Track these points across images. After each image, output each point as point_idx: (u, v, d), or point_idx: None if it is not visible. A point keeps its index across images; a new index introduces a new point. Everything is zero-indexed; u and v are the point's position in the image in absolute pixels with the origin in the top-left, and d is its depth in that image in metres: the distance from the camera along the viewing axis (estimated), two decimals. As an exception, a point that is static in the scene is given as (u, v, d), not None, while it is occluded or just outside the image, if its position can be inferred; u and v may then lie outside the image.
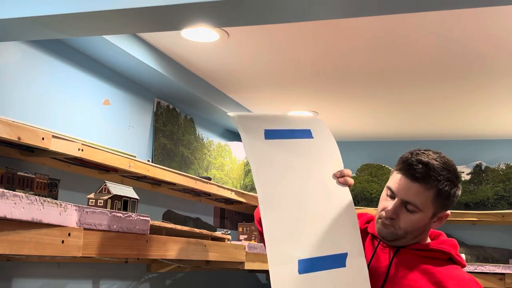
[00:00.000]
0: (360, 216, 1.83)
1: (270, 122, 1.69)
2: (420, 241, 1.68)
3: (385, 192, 1.67)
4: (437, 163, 1.60)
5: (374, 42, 2.67)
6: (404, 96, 3.53)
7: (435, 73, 3.07)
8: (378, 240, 1.72)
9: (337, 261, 1.60)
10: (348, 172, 1.71)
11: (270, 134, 1.66)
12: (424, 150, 1.65)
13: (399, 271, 1.63)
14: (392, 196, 1.63)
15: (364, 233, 1.76)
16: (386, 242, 1.69)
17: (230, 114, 1.67)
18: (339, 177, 1.69)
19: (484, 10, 2.27)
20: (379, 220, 1.67)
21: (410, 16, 2.35)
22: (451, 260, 1.65)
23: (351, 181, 1.71)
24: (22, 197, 1.42)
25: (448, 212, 1.66)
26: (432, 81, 3.21)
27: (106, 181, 2.01)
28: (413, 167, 1.60)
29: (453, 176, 1.63)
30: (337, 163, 1.73)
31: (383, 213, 1.64)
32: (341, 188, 1.69)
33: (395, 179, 1.63)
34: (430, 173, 1.58)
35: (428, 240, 1.71)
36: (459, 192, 1.66)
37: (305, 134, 1.73)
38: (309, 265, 1.55)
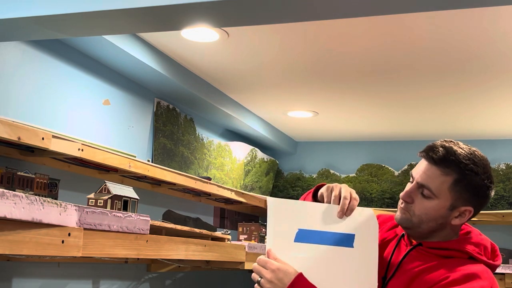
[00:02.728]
0: (387, 220, 1.77)
1: (309, 218, 1.53)
2: (445, 239, 1.58)
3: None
4: (462, 151, 1.52)
5: (374, 42, 2.67)
6: (404, 96, 3.53)
7: (435, 73, 3.07)
8: (401, 237, 1.66)
9: None
10: None
11: (303, 237, 1.52)
12: (456, 140, 1.58)
13: (409, 265, 1.56)
14: (412, 181, 1.57)
15: (387, 240, 1.70)
16: (406, 230, 1.62)
17: (268, 199, 1.55)
18: None
19: (484, 10, 2.27)
20: (398, 207, 1.60)
21: (410, 16, 2.35)
22: (474, 259, 1.54)
23: None
24: (22, 197, 1.42)
25: (471, 208, 1.53)
26: (432, 82, 3.21)
27: (106, 181, 2.01)
28: (433, 149, 1.54)
29: (481, 169, 1.52)
30: (370, 280, 1.56)
31: (400, 196, 1.58)
32: None
33: (418, 164, 1.58)
34: (450, 158, 1.51)
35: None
36: (490, 192, 1.54)
37: (346, 241, 1.55)
38: None
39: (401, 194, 1.58)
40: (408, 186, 1.59)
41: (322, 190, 1.63)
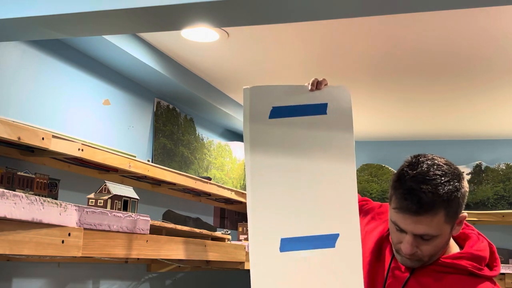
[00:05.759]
0: (382, 204, 1.78)
1: (283, 97, 1.64)
2: (442, 253, 1.58)
3: (392, 225, 1.56)
4: (435, 184, 1.46)
5: (375, 42, 2.67)
6: (404, 96, 3.53)
7: (435, 73, 3.07)
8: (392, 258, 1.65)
9: (326, 241, 1.56)
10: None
11: (276, 113, 1.62)
12: (414, 173, 1.49)
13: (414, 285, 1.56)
14: (402, 230, 1.53)
15: (379, 240, 1.70)
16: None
17: (244, 88, 1.64)
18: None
19: (487, 10, 2.27)
20: (400, 254, 1.57)
21: (410, 17, 2.35)
22: (474, 273, 1.54)
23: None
24: (22, 197, 1.41)
25: (465, 213, 1.54)
26: (432, 81, 3.21)
27: (106, 181, 2.01)
28: (412, 205, 1.47)
29: (455, 180, 1.49)
30: (346, 144, 1.65)
31: (402, 250, 1.55)
32: (345, 170, 1.62)
33: (399, 217, 1.51)
34: (433, 200, 1.46)
35: (453, 249, 1.61)
36: (466, 186, 1.53)
37: (319, 109, 1.66)
38: (292, 244, 1.53)
39: (405, 250, 1.53)
40: (399, 233, 1.54)
41: None
